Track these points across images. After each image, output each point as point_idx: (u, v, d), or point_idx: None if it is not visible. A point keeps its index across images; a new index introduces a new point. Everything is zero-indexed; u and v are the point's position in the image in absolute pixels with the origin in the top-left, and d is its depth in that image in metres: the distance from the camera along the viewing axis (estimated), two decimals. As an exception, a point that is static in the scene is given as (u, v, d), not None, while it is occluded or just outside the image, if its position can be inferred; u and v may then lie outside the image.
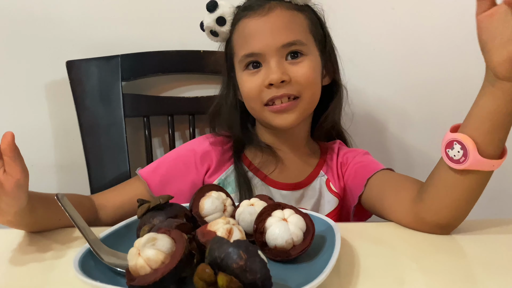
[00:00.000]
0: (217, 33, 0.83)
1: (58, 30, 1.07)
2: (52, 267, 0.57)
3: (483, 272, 0.54)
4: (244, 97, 0.82)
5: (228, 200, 0.62)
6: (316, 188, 0.85)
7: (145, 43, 1.06)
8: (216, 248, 0.43)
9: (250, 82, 0.79)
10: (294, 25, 0.79)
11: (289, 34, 0.77)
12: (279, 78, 0.75)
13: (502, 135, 0.60)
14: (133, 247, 0.46)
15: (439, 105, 1.15)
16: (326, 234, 0.58)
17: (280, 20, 0.77)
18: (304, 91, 0.78)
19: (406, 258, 0.58)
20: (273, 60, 0.76)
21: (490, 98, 0.59)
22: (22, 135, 1.10)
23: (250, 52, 0.78)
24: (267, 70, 0.77)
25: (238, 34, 0.81)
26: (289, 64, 0.77)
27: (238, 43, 0.81)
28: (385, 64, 1.14)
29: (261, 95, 0.78)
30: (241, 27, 0.80)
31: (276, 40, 0.76)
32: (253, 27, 0.78)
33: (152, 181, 0.81)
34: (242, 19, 0.80)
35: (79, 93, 1.03)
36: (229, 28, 0.82)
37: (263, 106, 0.79)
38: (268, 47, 0.76)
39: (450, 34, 1.12)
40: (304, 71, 0.77)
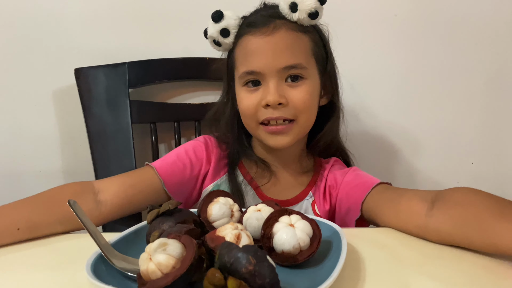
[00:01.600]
0: (220, 43, 0.83)
1: (66, 38, 1.09)
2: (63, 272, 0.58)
3: (488, 277, 0.54)
4: (241, 113, 0.83)
5: (236, 206, 0.63)
6: (302, 209, 0.85)
7: (151, 51, 1.08)
8: (225, 253, 0.44)
9: (248, 99, 0.80)
10: (297, 48, 0.78)
11: (291, 57, 0.77)
12: (276, 100, 0.76)
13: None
14: (144, 252, 0.47)
15: (442, 111, 1.16)
16: (332, 239, 0.59)
17: (283, 41, 0.77)
18: (300, 115, 0.79)
19: (411, 263, 0.58)
20: (272, 81, 0.77)
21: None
22: (30, 141, 1.13)
23: (250, 70, 0.78)
24: (265, 90, 0.78)
25: (240, 49, 0.81)
26: (288, 86, 0.78)
27: (240, 58, 0.81)
28: (388, 70, 1.15)
29: (257, 114, 0.79)
30: (244, 43, 0.80)
31: (277, 61, 0.76)
32: (255, 46, 0.78)
33: (161, 166, 0.82)
34: (246, 35, 0.80)
35: (87, 100, 1.04)
36: (233, 41, 0.82)
37: (258, 124, 0.80)
38: (268, 67, 0.77)
39: (453, 40, 1.13)
40: (301, 95, 0.78)
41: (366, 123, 1.16)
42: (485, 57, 1.14)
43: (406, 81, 1.15)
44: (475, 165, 1.18)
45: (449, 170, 1.18)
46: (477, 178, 1.18)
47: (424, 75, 1.15)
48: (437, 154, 1.17)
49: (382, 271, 0.56)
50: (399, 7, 1.12)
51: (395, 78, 1.15)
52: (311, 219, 0.57)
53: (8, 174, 1.15)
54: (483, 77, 1.15)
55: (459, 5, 1.11)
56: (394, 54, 1.14)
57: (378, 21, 1.12)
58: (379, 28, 1.13)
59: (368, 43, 1.13)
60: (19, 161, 1.14)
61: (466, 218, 0.59)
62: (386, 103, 1.16)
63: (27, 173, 1.15)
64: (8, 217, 0.66)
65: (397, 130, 1.17)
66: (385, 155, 1.17)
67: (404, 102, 1.16)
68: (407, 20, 1.12)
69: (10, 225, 0.65)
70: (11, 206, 0.69)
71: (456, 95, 1.15)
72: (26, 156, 1.14)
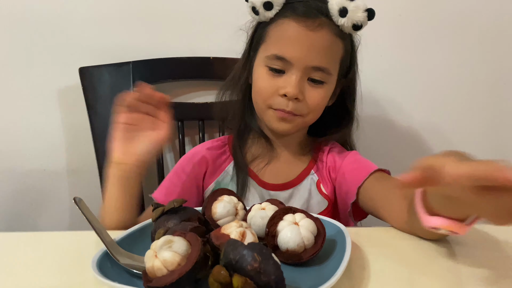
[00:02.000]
0: (258, 12, 0.80)
1: (71, 38, 1.09)
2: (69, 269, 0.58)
3: (491, 277, 0.54)
4: (255, 90, 0.83)
5: (240, 204, 0.63)
6: (306, 188, 0.85)
7: (156, 50, 1.08)
8: (230, 251, 0.44)
9: (266, 82, 0.79)
10: (331, 52, 0.79)
11: (323, 59, 0.78)
12: (295, 94, 0.77)
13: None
14: (150, 249, 0.48)
15: (446, 111, 1.16)
16: (337, 238, 0.59)
17: (322, 42, 0.77)
18: (309, 113, 0.81)
19: (415, 262, 0.58)
20: (297, 74, 0.77)
21: None
22: (35, 140, 1.14)
23: (281, 56, 0.77)
24: (287, 80, 0.78)
25: (278, 29, 0.79)
26: (308, 85, 0.79)
27: (275, 37, 0.80)
28: (392, 69, 1.15)
29: (272, 99, 0.79)
30: (285, 25, 0.78)
31: (310, 58, 0.77)
32: (296, 34, 0.77)
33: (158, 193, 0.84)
34: (289, 18, 0.78)
35: (92, 98, 1.05)
36: (272, 16, 0.80)
37: (268, 107, 0.81)
38: (300, 60, 0.77)
39: (457, 39, 1.13)
40: (318, 98, 0.79)
41: (369, 122, 1.16)
42: (489, 56, 1.14)
43: (410, 80, 1.15)
44: (479, 165, 1.18)
45: (453, 170, 1.17)
46: (481, 178, 1.18)
47: (428, 74, 1.15)
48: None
49: (386, 270, 0.56)
50: (403, 7, 1.12)
51: (399, 78, 1.15)
52: (315, 217, 0.57)
53: (12, 172, 1.15)
54: (487, 77, 1.15)
55: (463, 5, 1.11)
56: (398, 53, 1.14)
57: (382, 20, 1.12)
58: (383, 28, 1.12)
59: (372, 42, 1.13)
60: (23, 160, 1.15)
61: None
62: (389, 102, 1.16)
63: (32, 171, 1.15)
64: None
65: (401, 130, 1.17)
66: (387, 155, 1.17)
67: (407, 102, 1.16)
68: (411, 20, 1.12)
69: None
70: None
71: (460, 94, 1.15)
72: (31, 155, 1.15)
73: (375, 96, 1.15)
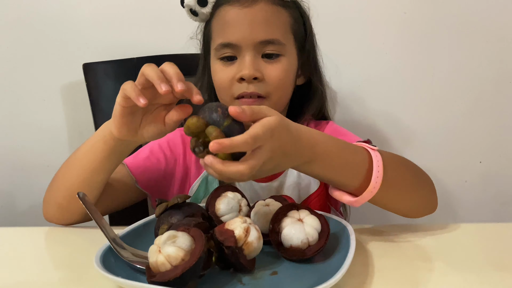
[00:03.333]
0: (197, 12, 0.81)
1: (75, 34, 1.09)
2: (73, 264, 0.58)
3: (495, 274, 0.54)
4: (216, 87, 0.81)
5: (244, 201, 0.63)
6: (294, 173, 0.82)
7: (160, 46, 1.08)
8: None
9: (222, 73, 0.78)
10: (276, 22, 0.77)
11: (269, 31, 0.76)
12: (251, 74, 0.74)
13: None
14: (154, 244, 0.48)
15: (451, 110, 1.16)
16: (341, 235, 0.58)
17: (262, 14, 0.76)
18: (273, 92, 0.77)
19: (419, 259, 0.58)
20: (248, 54, 0.75)
21: None
22: (39, 136, 1.14)
23: (226, 42, 0.76)
24: (240, 64, 0.76)
25: (217, 20, 0.79)
26: (264, 62, 0.76)
27: (216, 29, 0.79)
28: (397, 68, 1.14)
29: (232, 88, 0.77)
30: (222, 13, 0.78)
31: (255, 34, 0.75)
32: (233, 17, 0.76)
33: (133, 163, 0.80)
34: (224, 5, 0.78)
35: (95, 95, 1.04)
36: (210, 11, 0.80)
37: (233, 99, 0.78)
38: (245, 40, 0.75)
39: (462, 38, 1.12)
40: (277, 72, 0.76)
41: (374, 121, 1.16)
42: (494, 55, 1.13)
43: (415, 79, 1.15)
44: (483, 164, 1.17)
45: (457, 169, 1.17)
46: (485, 177, 1.18)
47: (433, 73, 1.14)
48: (445, 153, 1.17)
49: (390, 267, 0.56)
50: (408, 5, 1.11)
51: (404, 76, 1.15)
52: (319, 214, 0.57)
53: (16, 169, 1.16)
54: (492, 76, 1.14)
55: (468, 3, 1.11)
56: (402, 52, 1.14)
57: (386, 19, 1.12)
58: (387, 26, 1.12)
59: (376, 41, 1.13)
60: (27, 156, 1.15)
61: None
62: (394, 101, 1.15)
63: (35, 167, 1.16)
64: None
65: (406, 129, 1.17)
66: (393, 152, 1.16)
67: (412, 101, 1.16)
68: (416, 18, 1.12)
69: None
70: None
71: (465, 93, 1.15)
72: (34, 151, 1.15)
73: (380, 94, 1.15)
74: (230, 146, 0.45)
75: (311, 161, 0.56)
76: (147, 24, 1.09)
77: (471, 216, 1.18)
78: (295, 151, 0.53)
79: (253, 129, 0.48)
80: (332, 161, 0.58)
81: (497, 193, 1.19)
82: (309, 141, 0.56)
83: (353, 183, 0.59)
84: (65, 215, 0.72)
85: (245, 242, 0.50)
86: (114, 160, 0.69)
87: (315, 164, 0.57)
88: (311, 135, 0.56)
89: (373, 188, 0.58)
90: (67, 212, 0.71)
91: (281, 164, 0.54)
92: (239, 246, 0.50)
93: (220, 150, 0.45)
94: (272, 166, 0.52)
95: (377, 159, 0.59)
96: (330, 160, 0.57)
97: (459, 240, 0.65)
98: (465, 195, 1.17)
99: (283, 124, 0.51)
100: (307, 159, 0.56)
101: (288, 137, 0.52)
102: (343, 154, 0.59)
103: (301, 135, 0.55)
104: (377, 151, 0.61)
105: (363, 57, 1.12)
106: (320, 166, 0.57)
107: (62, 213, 0.72)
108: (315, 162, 0.56)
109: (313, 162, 0.56)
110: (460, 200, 1.14)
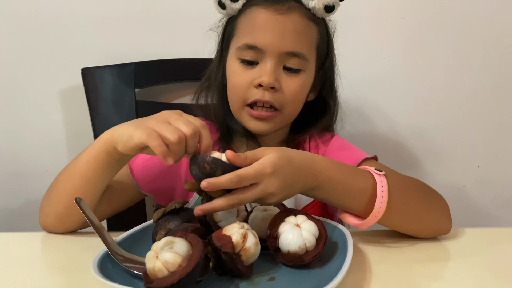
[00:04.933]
0: (225, 6, 0.78)
1: (73, 38, 1.09)
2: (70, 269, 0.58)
3: (493, 280, 0.54)
4: (229, 87, 0.79)
5: (241, 206, 0.63)
6: None
7: (158, 51, 1.08)
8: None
9: (241, 75, 0.76)
10: (305, 36, 0.76)
11: (297, 44, 0.75)
12: (270, 82, 0.73)
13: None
14: (151, 250, 0.47)
15: (448, 114, 1.16)
16: (338, 240, 0.59)
17: (293, 25, 0.74)
18: (287, 105, 0.76)
19: (417, 264, 0.58)
20: (271, 62, 0.74)
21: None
22: (37, 141, 1.13)
23: (252, 44, 0.74)
24: (261, 69, 0.74)
25: (247, 18, 0.77)
26: (284, 73, 0.75)
27: (244, 27, 0.77)
28: (394, 72, 1.14)
29: (247, 93, 0.75)
30: (254, 13, 0.76)
31: (283, 44, 0.73)
32: (265, 20, 0.74)
33: (135, 165, 0.78)
34: (257, 6, 0.75)
35: (93, 99, 1.04)
36: (240, 8, 0.77)
37: (243, 105, 0.77)
38: (272, 46, 0.73)
39: (460, 43, 1.13)
40: (295, 86, 0.76)
41: (372, 125, 1.16)
42: (492, 59, 1.13)
43: (413, 83, 1.15)
44: (481, 168, 1.18)
45: (455, 173, 1.17)
46: (483, 181, 1.18)
47: (430, 77, 1.15)
48: (443, 157, 1.17)
49: (388, 272, 0.56)
50: (406, 10, 1.12)
51: (402, 81, 1.15)
52: (317, 219, 0.57)
53: (14, 173, 1.15)
54: (489, 80, 1.15)
55: (466, 8, 1.11)
56: (400, 56, 1.14)
57: (385, 23, 1.12)
58: (386, 31, 1.12)
59: (375, 45, 1.13)
60: (25, 160, 1.15)
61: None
62: (392, 105, 1.15)
63: (33, 172, 1.15)
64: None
65: (403, 133, 1.17)
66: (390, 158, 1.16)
67: (410, 105, 1.16)
68: (414, 23, 1.12)
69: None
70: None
71: (463, 98, 1.15)
72: (33, 155, 1.15)
73: (377, 98, 1.15)
74: (216, 184, 0.52)
75: (315, 187, 0.60)
76: (146, 29, 1.09)
77: (469, 221, 1.18)
78: (298, 180, 0.58)
79: (243, 170, 0.53)
80: (335, 187, 0.61)
81: (495, 198, 1.19)
82: (312, 170, 0.60)
83: (357, 207, 0.62)
84: (66, 223, 0.70)
85: (243, 248, 0.50)
86: (118, 168, 0.68)
87: (319, 190, 0.61)
88: (314, 163, 0.60)
89: (377, 213, 0.60)
90: (67, 220, 0.70)
91: (289, 194, 0.58)
92: (237, 252, 0.50)
93: (208, 188, 0.52)
94: (282, 196, 0.57)
95: (381, 184, 0.61)
96: (334, 186, 0.61)
97: (457, 245, 0.65)
98: (463, 200, 1.17)
99: (284, 158, 0.56)
100: (311, 186, 0.60)
101: (290, 169, 0.56)
102: (347, 180, 0.62)
103: (304, 164, 0.59)
104: (383, 175, 0.63)
105: (361, 61, 1.12)
106: (324, 192, 0.61)
107: (62, 222, 0.70)
108: (319, 188, 0.60)
109: (317, 189, 0.60)
110: (458, 205, 1.14)
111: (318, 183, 0.60)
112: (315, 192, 0.61)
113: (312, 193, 0.61)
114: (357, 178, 0.62)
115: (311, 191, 0.61)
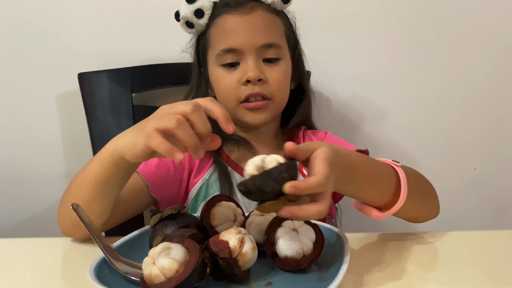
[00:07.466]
0: (193, 24, 0.84)
1: (70, 43, 1.09)
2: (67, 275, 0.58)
3: (490, 282, 0.54)
4: (219, 93, 0.84)
5: (238, 210, 0.63)
6: None
7: (155, 55, 1.08)
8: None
9: (228, 78, 0.81)
10: (273, 28, 0.83)
11: (269, 35, 0.81)
12: (257, 75, 0.78)
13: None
14: (148, 256, 0.47)
15: (445, 117, 1.16)
16: (335, 244, 0.59)
17: (261, 20, 0.81)
18: (276, 93, 0.82)
19: (414, 267, 0.58)
20: (251, 58, 0.80)
21: None
22: (34, 145, 1.13)
23: (229, 47, 0.80)
24: (244, 67, 0.80)
25: (217, 28, 0.83)
26: (266, 65, 0.81)
27: (217, 36, 0.83)
28: (390, 75, 1.15)
29: (238, 91, 0.80)
30: (221, 22, 0.82)
31: (256, 39, 0.79)
32: (234, 24, 0.81)
33: (147, 171, 0.78)
34: (223, 14, 0.82)
35: (90, 104, 1.04)
36: (206, 22, 0.84)
37: (238, 103, 0.81)
38: (247, 44, 0.79)
39: (455, 45, 1.13)
40: (278, 74, 0.81)
41: (369, 127, 1.16)
42: (488, 62, 1.14)
43: (409, 86, 1.15)
44: (478, 171, 1.18)
45: (452, 176, 1.17)
46: (480, 184, 1.18)
47: (426, 80, 1.15)
48: (440, 160, 1.17)
49: (385, 276, 0.56)
50: (401, 13, 1.12)
51: (397, 83, 1.15)
52: (313, 224, 0.57)
53: (11, 178, 1.15)
54: (486, 83, 1.15)
55: (462, 10, 1.11)
56: (396, 59, 1.14)
57: (380, 26, 1.13)
58: (381, 33, 1.13)
59: (370, 48, 1.13)
60: (22, 165, 1.15)
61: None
62: (388, 108, 1.16)
63: (30, 176, 1.15)
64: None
65: (399, 135, 1.17)
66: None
67: (406, 107, 1.16)
68: (410, 26, 1.12)
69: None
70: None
71: (459, 100, 1.15)
72: (29, 160, 1.15)
73: (374, 101, 1.15)
74: (306, 188, 0.47)
75: (351, 181, 0.57)
76: (142, 33, 1.10)
77: (466, 223, 1.18)
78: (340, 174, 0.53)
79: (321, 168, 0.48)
80: (368, 180, 0.60)
81: (492, 200, 1.19)
82: (349, 163, 0.57)
83: (383, 199, 0.61)
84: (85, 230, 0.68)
85: (240, 253, 0.50)
86: (130, 175, 0.66)
87: (353, 184, 0.58)
88: (349, 156, 0.59)
89: (400, 203, 0.60)
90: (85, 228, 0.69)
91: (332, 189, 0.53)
92: (234, 257, 0.50)
93: (295, 192, 0.46)
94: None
95: (402, 175, 0.62)
96: (367, 179, 0.59)
97: (454, 248, 0.65)
98: (460, 202, 1.18)
99: (334, 151, 0.52)
100: (348, 181, 0.56)
101: (339, 162, 0.53)
102: (376, 172, 0.61)
103: (344, 157, 0.56)
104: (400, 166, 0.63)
105: (357, 64, 1.13)
106: (358, 186, 0.59)
107: (80, 230, 0.65)
108: (354, 182, 0.58)
109: (352, 182, 0.58)
110: (455, 207, 1.15)
111: (355, 177, 0.57)
112: (349, 186, 0.58)
113: (344, 187, 0.58)
114: (383, 171, 0.62)
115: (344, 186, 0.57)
